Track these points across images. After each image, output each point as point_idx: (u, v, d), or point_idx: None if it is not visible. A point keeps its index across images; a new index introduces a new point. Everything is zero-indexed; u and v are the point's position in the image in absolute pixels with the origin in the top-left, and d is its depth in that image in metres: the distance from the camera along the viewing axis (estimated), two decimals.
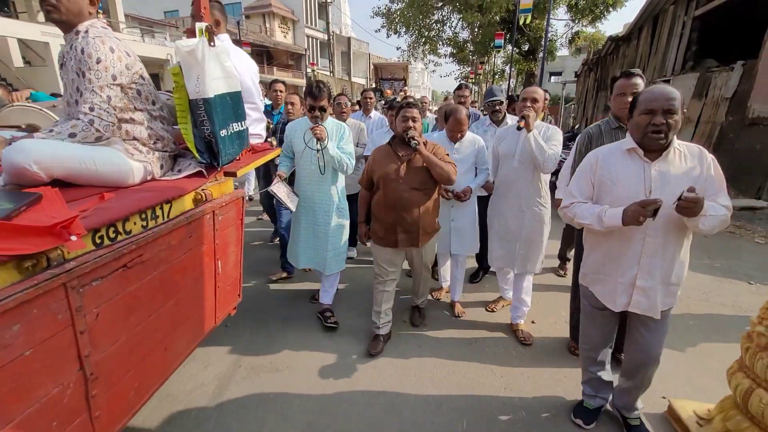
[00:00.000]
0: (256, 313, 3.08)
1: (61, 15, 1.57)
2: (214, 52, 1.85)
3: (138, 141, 1.75)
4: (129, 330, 1.41)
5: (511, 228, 2.74)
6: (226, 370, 2.44)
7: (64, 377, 1.14)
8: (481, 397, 2.25)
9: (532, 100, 2.57)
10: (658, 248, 1.64)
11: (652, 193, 1.60)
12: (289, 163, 2.88)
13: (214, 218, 1.92)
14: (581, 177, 1.82)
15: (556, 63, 18.37)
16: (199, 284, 1.89)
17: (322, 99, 2.60)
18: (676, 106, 1.52)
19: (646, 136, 1.58)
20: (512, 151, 2.66)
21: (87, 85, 1.54)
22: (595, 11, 13.38)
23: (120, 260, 1.32)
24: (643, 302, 1.70)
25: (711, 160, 1.62)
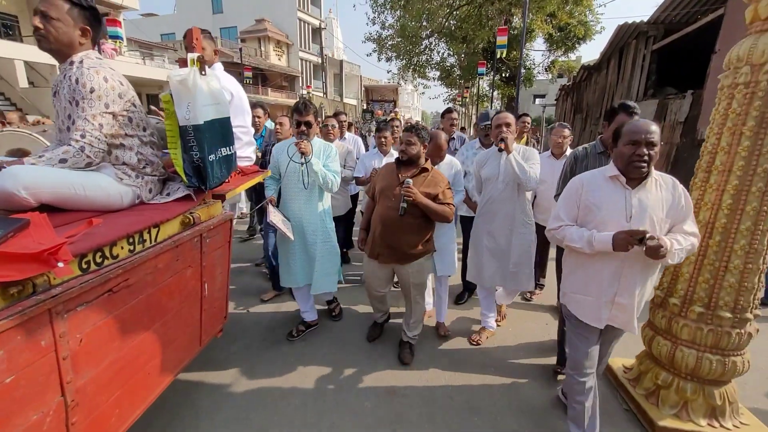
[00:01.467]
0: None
1: (51, 44, 1.62)
2: (205, 81, 1.90)
3: (127, 166, 1.78)
4: (113, 354, 1.41)
5: (502, 246, 2.82)
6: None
7: (45, 404, 1.14)
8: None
9: (505, 125, 2.68)
10: (636, 268, 1.75)
11: (633, 218, 1.70)
12: (275, 186, 2.94)
13: (202, 241, 1.94)
14: (567, 201, 1.90)
15: (540, 87, 19.31)
16: (185, 307, 1.89)
17: (307, 115, 2.68)
18: (656, 140, 1.65)
19: (631, 165, 1.69)
20: (496, 173, 2.76)
21: (80, 113, 1.58)
22: (567, 43, 14.88)
23: (106, 285, 1.33)
24: (620, 317, 1.81)
25: (682, 191, 1.74)
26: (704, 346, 2.06)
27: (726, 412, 2.09)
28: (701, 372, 2.07)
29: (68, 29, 1.62)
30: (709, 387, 2.10)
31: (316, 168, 2.66)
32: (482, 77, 15.83)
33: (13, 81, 14.04)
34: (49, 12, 1.57)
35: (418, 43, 16.63)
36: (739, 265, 1.95)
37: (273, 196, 2.90)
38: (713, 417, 2.10)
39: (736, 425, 2.08)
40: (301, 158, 2.67)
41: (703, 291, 2.06)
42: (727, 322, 2.00)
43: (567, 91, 15.42)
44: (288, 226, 2.78)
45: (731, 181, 1.93)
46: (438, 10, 14.76)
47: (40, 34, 1.59)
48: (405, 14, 15.52)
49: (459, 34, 15.05)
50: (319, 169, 2.68)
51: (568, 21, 13.94)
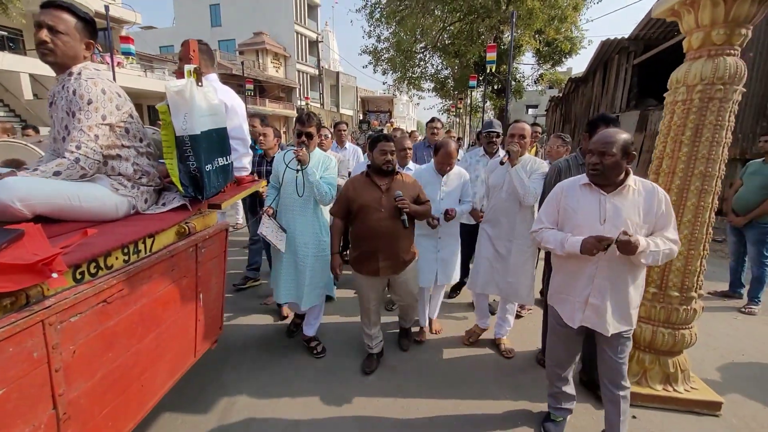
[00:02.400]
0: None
1: (57, 58, 1.63)
2: (202, 92, 1.92)
3: (123, 176, 1.78)
4: (106, 366, 1.39)
5: (502, 255, 2.84)
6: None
7: (36, 417, 1.12)
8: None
9: (519, 136, 2.70)
10: (609, 271, 1.81)
11: (606, 221, 1.77)
12: (275, 195, 2.93)
13: (197, 251, 1.93)
14: (549, 205, 2.01)
15: (533, 97, 19.90)
16: (179, 318, 1.88)
17: (310, 126, 2.70)
18: (609, 149, 1.72)
19: (587, 173, 1.83)
20: (501, 183, 2.78)
21: (76, 124, 1.58)
22: (554, 57, 15.76)
23: (100, 295, 1.32)
24: (592, 318, 1.87)
25: (662, 197, 1.79)
26: (658, 321, 2.39)
27: (678, 378, 2.44)
28: (656, 344, 2.40)
29: (75, 43, 1.65)
30: (663, 357, 2.43)
31: (312, 178, 2.65)
32: (474, 89, 16.29)
33: (18, 93, 14.49)
34: (57, 26, 1.59)
35: (413, 57, 17.12)
36: (683, 251, 2.25)
37: (270, 207, 2.86)
38: (667, 383, 2.44)
39: (686, 389, 2.43)
40: (298, 166, 2.66)
41: (656, 274, 2.38)
42: (676, 300, 2.33)
43: (556, 102, 16.18)
44: (281, 238, 2.75)
45: (674, 181, 2.28)
46: (432, 25, 15.24)
47: (48, 48, 1.60)
48: (400, 30, 15.88)
49: (452, 49, 15.65)
50: (315, 179, 2.66)
51: (555, 36, 14.57)
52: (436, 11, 14.46)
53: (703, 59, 2.17)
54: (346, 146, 4.73)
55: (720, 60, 2.11)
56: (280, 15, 31.23)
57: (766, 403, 2.47)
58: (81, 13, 1.67)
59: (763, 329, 3.46)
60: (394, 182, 2.52)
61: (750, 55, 6.58)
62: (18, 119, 14.42)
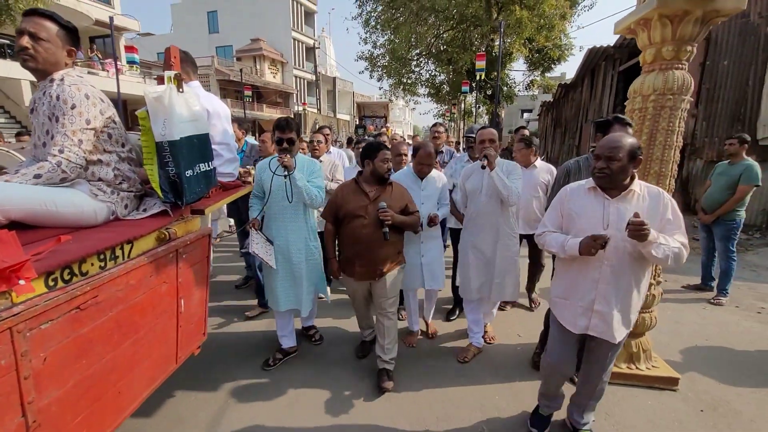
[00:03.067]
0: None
1: (38, 64, 1.64)
2: (183, 98, 1.93)
3: (103, 182, 1.78)
4: (79, 373, 1.38)
5: (488, 258, 2.85)
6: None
7: (3, 425, 1.11)
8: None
9: (489, 140, 2.72)
10: (614, 276, 1.80)
11: (609, 227, 1.76)
12: (260, 205, 2.81)
13: (178, 256, 1.93)
14: (553, 209, 2.02)
15: (528, 102, 20.32)
16: (159, 324, 1.87)
17: (290, 132, 2.64)
18: (617, 154, 1.71)
19: (594, 177, 1.81)
20: (479, 187, 2.80)
21: (59, 129, 1.59)
22: (544, 64, 16.32)
23: (72, 302, 1.31)
24: (600, 326, 1.85)
25: (668, 201, 1.79)
26: None
27: (641, 357, 2.67)
28: None
29: (56, 50, 1.66)
30: (627, 338, 2.45)
31: (300, 183, 2.62)
32: (467, 95, 16.65)
33: (18, 100, 14.83)
34: (39, 33, 1.60)
35: (408, 64, 17.46)
36: None
37: (256, 219, 2.77)
38: (631, 361, 2.68)
39: (648, 367, 2.68)
40: (284, 171, 2.62)
41: None
42: None
43: (548, 107, 16.53)
44: (270, 252, 2.71)
45: None
46: (426, 33, 15.53)
47: (29, 54, 1.61)
48: (395, 37, 16.14)
49: (445, 57, 16.09)
50: (303, 183, 2.65)
51: (544, 44, 15.01)
52: (429, 19, 14.77)
53: (656, 72, 2.43)
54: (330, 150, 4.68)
55: (670, 73, 2.38)
56: (277, 22, 31.44)
57: (719, 380, 2.76)
58: (63, 21, 1.69)
59: (728, 318, 3.75)
60: (384, 191, 2.54)
61: (724, 63, 7.03)
62: (19, 125, 14.63)
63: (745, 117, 6.92)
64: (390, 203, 2.47)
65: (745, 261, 5.40)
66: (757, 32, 6.68)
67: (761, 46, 6.68)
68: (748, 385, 2.70)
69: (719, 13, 2.34)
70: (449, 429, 2.29)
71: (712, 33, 6.98)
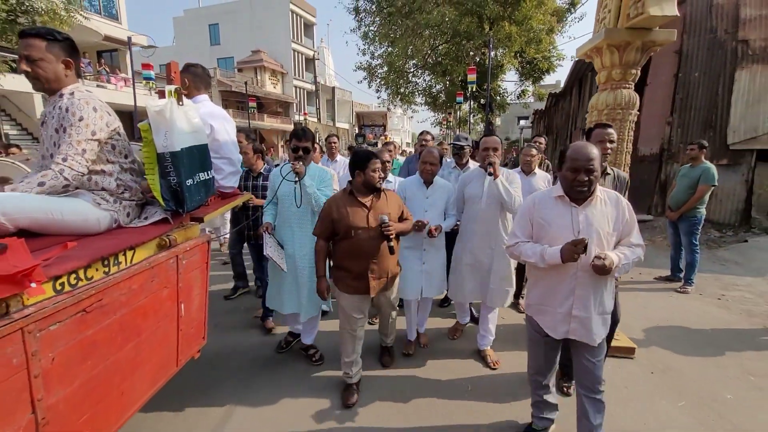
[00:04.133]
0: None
1: (42, 83, 1.72)
2: (183, 111, 2.01)
3: (106, 191, 1.85)
4: (85, 373, 1.45)
5: (483, 263, 2.88)
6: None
7: (15, 421, 1.18)
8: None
9: (493, 149, 2.77)
10: (589, 281, 1.83)
11: (580, 233, 1.80)
12: (273, 210, 2.94)
13: (178, 262, 2.00)
14: (522, 219, 2.02)
15: (524, 109, 20.81)
16: (160, 327, 1.93)
17: (306, 141, 2.75)
18: (595, 166, 1.76)
19: (573, 189, 1.82)
20: (479, 194, 2.84)
21: (66, 139, 1.66)
22: (534, 75, 16.97)
23: (79, 305, 1.38)
24: (579, 330, 1.88)
25: (626, 205, 1.85)
26: None
27: None
28: None
29: (52, 65, 1.71)
30: None
31: (309, 189, 2.69)
32: (461, 105, 17.31)
33: (30, 112, 15.41)
34: (32, 54, 1.66)
35: (405, 76, 18.01)
36: None
37: (269, 223, 2.88)
38: None
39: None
40: (295, 178, 2.69)
41: None
42: None
43: (540, 115, 17.12)
44: (281, 256, 2.79)
45: None
46: (422, 46, 16.06)
47: (30, 77, 1.69)
48: (392, 50, 16.64)
49: (439, 69, 16.69)
50: (312, 191, 2.73)
51: (534, 56, 15.66)
52: (425, 33, 15.28)
53: (607, 91, 2.91)
54: (336, 159, 4.82)
55: (618, 92, 2.85)
56: (277, 34, 31.85)
57: (673, 351, 3.23)
58: (47, 35, 1.69)
59: (691, 303, 4.28)
60: (379, 199, 2.50)
61: (695, 75, 7.62)
62: (30, 137, 15.29)
63: (716, 124, 7.53)
64: (385, 209, 2.47)
65: (717, 256, 5.94)
66: (724, 47, 7.38)
67: (728, 59, 7.36)
68: (696, 355, 3.19)
69: (655, 43, 2.81)
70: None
71: (684, 48, 7.63)
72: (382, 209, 2.46)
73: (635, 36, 2.75)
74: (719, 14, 7.41)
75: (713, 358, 3.14)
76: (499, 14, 14.11)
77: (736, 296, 4.47)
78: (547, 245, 1.86)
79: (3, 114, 15.38)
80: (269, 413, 2.52)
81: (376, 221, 2.41)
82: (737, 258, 5.79)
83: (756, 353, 3.23)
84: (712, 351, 3.24)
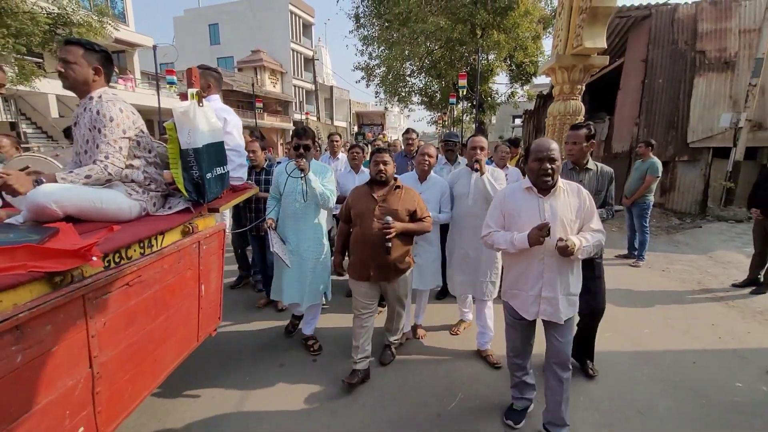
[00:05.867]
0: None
1: (71, 83, 1.92)
2: (203, 111, 2.21)
3: (135, 183, 2.06)
4: (128, 339, 1.66)
5: (471, 257, 3.00)
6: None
7: (78, 372, 1.39)
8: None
9: (479, 148, 2.93)
10: (555, 265, 2.02)
11: (546, 221, 1.97)
12: (277, 207, 3.08)
13: (200, 247, 2.21)
14: (494, 210, 2.22)
15: (518, 109, 21.40)
16: (185, 304, 2.14)
17: (306, 139, 2.90)
18: (556, 156, 1.97)
19: (539, 179, 2.02)
20: (466, 190, 2.98)
21: (102, 139, 1.86)
22: (522, 78, 17.99)
23: (123, 279, 1.60)
24: (548, 310, 2.06)
25: (586, 195, 2.06)
26: None
27: None
28: None
29: (84, 70, 1.91)
30: None
31: (314, 184, 2.81)
32: (455, 106, 18.24)
33: (45, 112, 16.15)
34: (68, 58, 1.87)
35: (402, 78, 18.82)
36: None
37: (272, 219, 2.99)
38: None
39: None
40: (300, 174, 2.80)
41: None
42: None
43: (530, 115, 17.93)
44: (285, 251, 2.89)
45: None
46: (418, 50, 16.69)
47: (62, 76, 1.90)
48: (391, 52, 17.22)
49: (434, 73, 17.71)
50: (317, 185, 2.84)
51: (522, 61, 16.64)
52: (420, 38, 15.92)
53: (560, 101, 3.85)
54: (338, 156, 5.00)
55: (568, 102, 3.79)
56: (276, 34, 31.96)
57: (616, 305, 3.94)
58: (88, 45, 1.93)
59: (640, 274, 5.24)
60: (392, 194, 2.61)
61: (659, 81, 8.45)
62: (45, 135, 15.89)
63: (677, 125, 8.48)
64: (397, 206, 2.57)
65: (673, 240, 6.97)
66: (685, 56, 8.36)
67: (687, 68, 8.36)
68: (631, 307, 4.05)
69: (593, 66, 3.69)
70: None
71: (650, 57, 8.59)
72: (393, 204, 2.57)
73: (578, 60, 3.66)
74: (680, 28, 8.36)
75: (644, 308, 4.04)
76: (488, 22, 15.06)
77: (677, 268, 5.39)
78: (516, 232, 2.03)
79: (19, 113, 15.98)
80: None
81: (382, 215, 2.51)
82: (689, 240, 6.80)
83: (679, 306, 4.15)
84: (643, 304, 4.13)
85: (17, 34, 8.43)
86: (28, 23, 8.57)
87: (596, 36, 3.49)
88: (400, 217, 2.56)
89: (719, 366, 3.03)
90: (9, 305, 1.15)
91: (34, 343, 1.20)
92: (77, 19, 9.77)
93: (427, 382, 2.78)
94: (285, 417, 2.48)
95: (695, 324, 3.71)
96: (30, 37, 8.74)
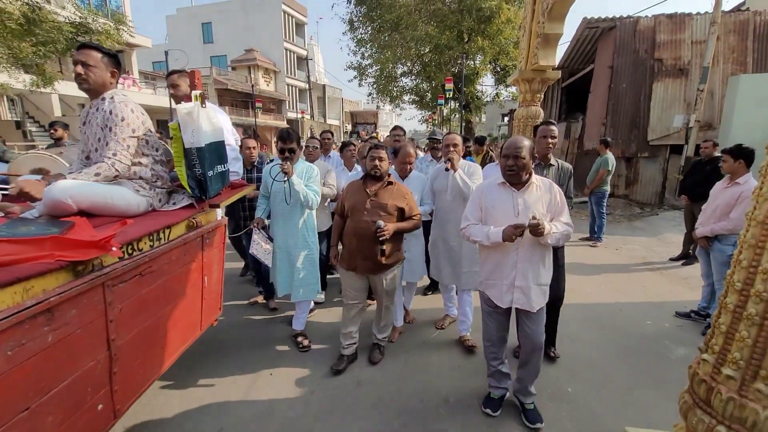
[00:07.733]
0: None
1: (90, 85, 2.00)
2: (205, 112, 2.32)
3: (143, 180, 2.16)
4: (140, 324, 1.78)
5: (455, 250, 3.12)
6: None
7: (98, 353, 1.51)
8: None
9: (453, 145, 3.04)
10: (528, 256, 2.15)
11: (520, 214, 2.12)
12: (265, 204, 3.18)
13: (203, 241, 2.32)
14: (472, 204, 2.34)
15: (504, 109, 22.07)
16: (190, 295, 2.26)
17: (291, 143, 2.94)
18: (522, 153, 2.09)
19: (504, 173, 2.17)
20: (444, 187, 3.08)
21: (112, 137, 1.96)
22: (506, 80, 18.75)
23: (136, 269, 1.71)
24: (521, 298, 2.18)
25: (557, 191, 2.21)
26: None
27: None
28: None
29: (102, 73, 2.01)
30: None
31: (297, 187, 2.86)
32: (443, 106, 19.17)
33: (48, 111, 16.45)
34: (88, 61, 1.96)
35: (394, 79, 19.54)
36: None
37: (261, 219, 3.09)
38: None
39: None
40: (284, 177, 2.84)
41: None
42: None
43: (513, 115, 18.52)
44: (268, 252, 2.98)
45: None
46: (409, 54, 17.41)
47: (82, 78, 1.97)
48: (382, 55, 17.89)
49: (424, 75, 18.64)
50: (301, 188, 2.89)
51: (506, 64, 17.71)
52: (411, 43, 16.72)
53: (524, 107, 4.43)
54: (330, 155, 5.05)
55: (530, 108, 4.38)
56: (269, 33, 31.84)
57: (574, 273, 4.59)
58: (105, 50, 2.04)
59: (595, 252, 6.12)
60: (384, 190, 2.67)
61: (623, 86, 9.24)
62: (48, 134, 15.39)
63: (639, 125, 9.42)
64: (387, 201, 2.63)
65: (633, 226, 7.82)
66: (645, 64, 9.26)
67: (647, 74, 9.25)
68: (585, 275, 4.84)
69: (549, 80, 4.38)
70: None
71: (615, 64, 9.44)
72: (383, 199, 2.64)
73: (536, 74, 4.34)
74: (641, 38, 9.25)
75: (591, 276, 4.85)
76: (474, 28, 16.01)
77: (629, 248, 6.27)
78: (491, 226, 2.14)
79: (24, 113, 16.26)
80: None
81: (373, 207, 2.59)
82: (645, 226, 7.68)
83: (621, 274, 5.03)
84: (592, 273, 4.96)
85: (45, 42, 9.13)
86: (54, 32, 9.26)
87: (548, 56, 4.24)
88: (387, 211, 2.62)
89: (638, 311, 3.91)
90: (39, 290, 1.26)
91: (62, 324, 1.32)
92: (96, 27, 10.40)
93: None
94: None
95: (629, 286, 4.60)
96: (55, 44, 9.41)
